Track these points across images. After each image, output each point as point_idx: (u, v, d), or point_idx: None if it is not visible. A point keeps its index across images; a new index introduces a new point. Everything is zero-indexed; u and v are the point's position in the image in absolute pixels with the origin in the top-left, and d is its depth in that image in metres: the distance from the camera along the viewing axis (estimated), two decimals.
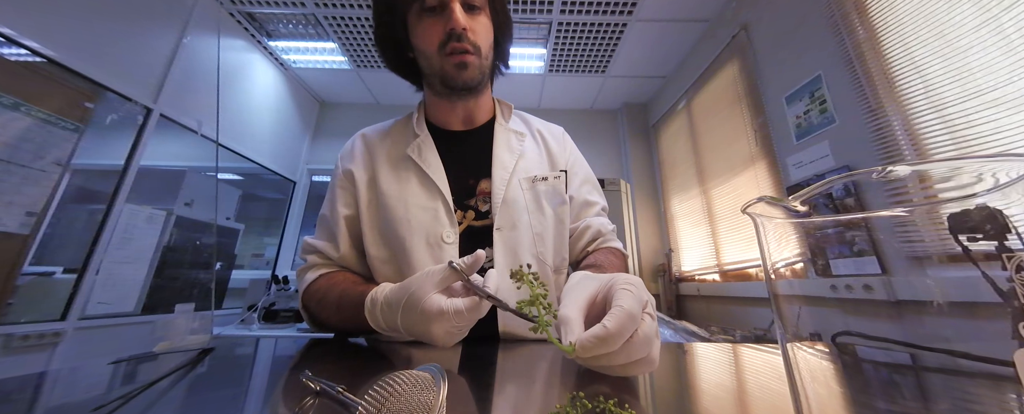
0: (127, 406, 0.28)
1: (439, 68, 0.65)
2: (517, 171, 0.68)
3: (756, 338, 1.79)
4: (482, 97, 0.74)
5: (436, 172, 0.66)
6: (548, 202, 0.68)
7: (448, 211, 0.63)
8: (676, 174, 2.90)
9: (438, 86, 0.68)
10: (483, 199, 0.66)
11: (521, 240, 0.63)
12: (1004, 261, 0.15)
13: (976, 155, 0.16)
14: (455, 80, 0.64)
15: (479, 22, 0.65)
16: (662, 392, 0.35)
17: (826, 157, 1.55)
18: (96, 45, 1.66)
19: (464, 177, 0.68)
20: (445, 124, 0.74)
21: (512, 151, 0.71)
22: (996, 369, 0.15)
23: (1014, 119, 1.01)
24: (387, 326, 0.45)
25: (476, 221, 0.65)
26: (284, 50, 2.76)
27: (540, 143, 0.76)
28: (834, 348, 0.19)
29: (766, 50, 1.95)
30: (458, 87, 0.66)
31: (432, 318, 0.38)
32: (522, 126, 0.77)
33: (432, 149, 0.69)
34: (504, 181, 0.66)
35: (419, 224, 0.62)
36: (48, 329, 1.49)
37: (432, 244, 0.61)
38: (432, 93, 0.73)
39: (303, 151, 3.27)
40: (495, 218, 0.63)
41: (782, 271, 0.22)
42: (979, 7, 1.10)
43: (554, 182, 0.70)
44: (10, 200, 1.36)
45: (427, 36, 0.63)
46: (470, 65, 0.64)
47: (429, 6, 0.62)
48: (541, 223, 0.65)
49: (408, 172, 0.67)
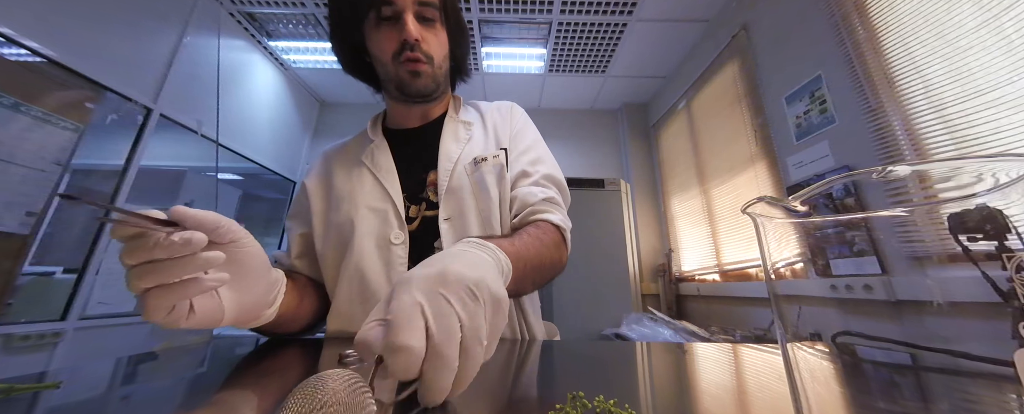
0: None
1: (395, 75, 0.67)
2: (462, 158, 0.69)
3: (756, 338, 1.79)
4: (439, 102, 0.77)
5: (387, 175, 0.68)
6: (491, 182, 0.66)
7: (397, 214, 0.64)
8: (676, 174, 2.90)
9: (394, 91, 0.70)
10: (433, 190, 0.67)
11: (468, 227, 0.63)
12: (1004, 261, 0.15)
13: (976, 155, 0.16)
14: (409, 87, 0.67)
15: (434, 33, 0.67)
16: (662, 392, 0.35)
17: (826, 157, 1.55)
18: (96, 45, 1.66)
19: (417, 171, 0.70)
20: (403, 123, 0.77)
21: (459, 140, 0.72)
22: (996, 369, 0.15)
23: (1014, 119, 1.01)
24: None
25: (428, 211, 0.66)
26: (284, 50, 2.76)
27: (488, 126, 0.76)
28: (834, 348, 0.19)
29: (766, 50, 1.95)
30: (412, 94, 0.68)
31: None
32: (473, 114, 0.78)
33: (385, 152, 0.71)
34: (448, 171, 0.67)
35: (369, 227, 0.64)
36: (48, 329, 1.49)
37: (381, 246, 0.63)
38: (389, 97, 0.76)
39: (303, 151, 3.27)
40: (441, 209, 0.64)
41: (782, 271, 0.22)
42: (979, 7, 1.10)
43: (494, 160, 0.68)
44: (10, 200, 1.36)
45: (382, 45, 0.66)
46: (423, 74, 0.66)
47: (385, 16, 0.64)
48: (487, 207, 0.64)
49: (361, 177, 0.70)
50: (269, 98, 2.85)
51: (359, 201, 0.66)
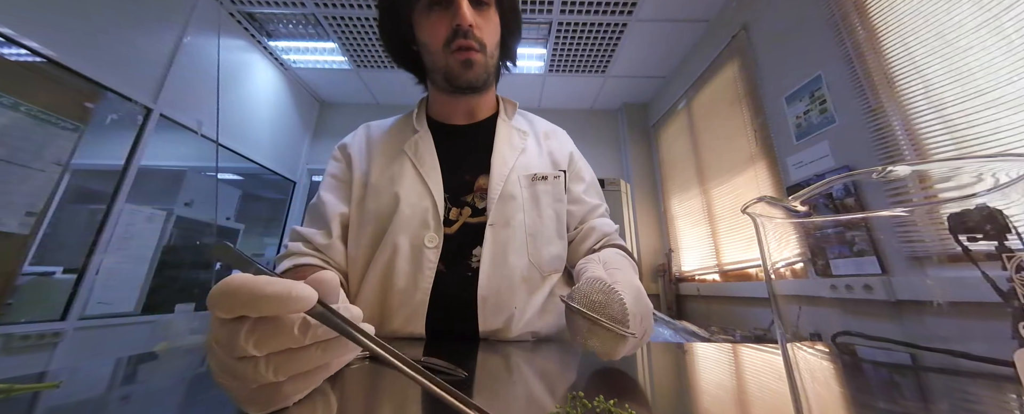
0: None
1: (444, 65, 0.63)
2: (516, 168, 0.66)
3: (756, 338, 1.79)
4: (486, 94, 0.73)
5: (430, 172, 0.64)
6: (547, 202, 0.66)
7: (436, 214, 0.61)
8: (676, 174, 2.90)
9: (441, 82, 0.66)
10: (480, 196, 0.64)
11: (513, 238, 0.61)
12: (1004, 261, 0.15)
13: (976, 155, 0.16)
14: (459, 78, 0.63)
15: (487, 18, 0.63)
16: (662, 392, 0.35)
17: (826, 157, 1.55)
18: (96, 45, 1.66)
19: (461, 173, 0.66)
20: (447, 118, 0.73)
21: (514, 148, 0.69)
22: (996, 369, 0.15)
23: (1014, 119, 1.01)
24: None
25: (472, 218, 0.63)
26: (284, 50, 2.76)
27: (542, 143, 0.75)
28: (834, 348, 0.19)
29: (766, 50, 1.95)
30: (462, 85, 0.64)
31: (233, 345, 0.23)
32: (526, 125, 0.76)
33: (429, 146, 0.67)
34: (503, 177, 0.64)
35: (405, 223, 0.60)
36: (48, 329, 1.49)
37: (415, 246, 0.59)
38: (435, 88, 0.71)
39: (303, 151, 3.27)
40: (490, 214, 0.61)
41: (782, 271, 0.22)
42: (979, 7, 1.10)
43: (554, 182, 0.68)
44: (10, 200, 1.36)
45: (433, 31, 0.62)
46: (476, 63, 0.62)
47: (436, 0, 0.61)
48: (537, 223, 0.64)
49: (402, 168, 0.65)
50: (269, 98, 2.85)
51: (400, 195, 0.62)
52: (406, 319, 0.57)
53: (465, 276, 0.59)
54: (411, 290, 0.57)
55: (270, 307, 0.22)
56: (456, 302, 0.58)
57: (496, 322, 0.57)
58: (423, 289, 0.57)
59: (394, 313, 0.57)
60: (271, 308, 0.22)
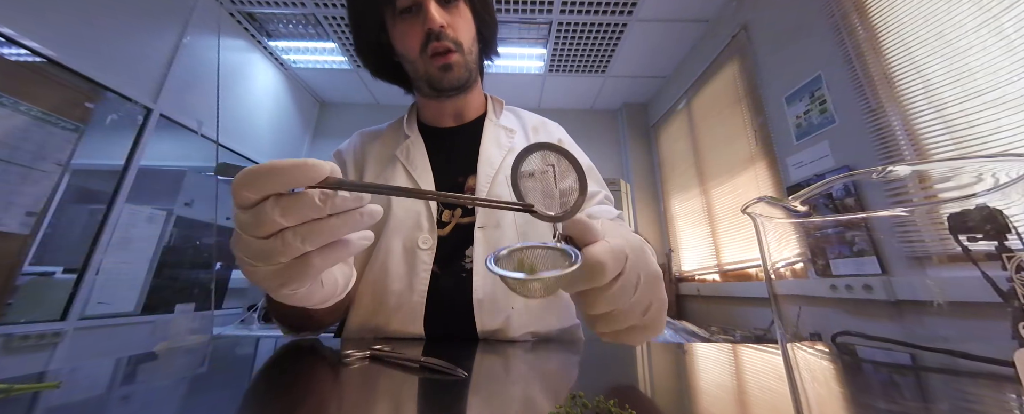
0: None
1: (424, 72, 0.63)
2: (503, 167, 0.66)
3: (756, 338, 1.79)
4: (472, 93, 0.73)
5: (422, 175, 0.65)
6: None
7: (429, 217, 0.62)
8: (676, 174, 2.90)
9: (426, 89, 0.67)
10: None
11: (504, 239, 0.61)
12: (1004, 261, 0.15)
13: (976, 155, 0.16)
14: (441, 82, 0.63)
15: (458, 15, 0.62)
16: (662, 392, 0.35)
17: (826, 157, 1.55)
18: (96, 45, 1.66)
19: (453, 174, 0.67)
20: (436, 122, 0.74)
21: (500, 147, 0.69)
22: (996, 369, 0.15)
23: (1014, 119, 1.01)
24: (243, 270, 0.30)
25: (463, 218, 0.63)
26: (284, 50, 2.76)
27: (531, 138, 0.74)
28: (834, 348, 0.19)
29: (766, 50, 1.95)
30: (445, 88, 0.65)
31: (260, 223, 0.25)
32: (514, 122, 0.76)
33: (421, 150, 0.68)
34: (489, 178, 0.64)
35: (398, 225, 0.61)
36: (48, 329, 1.49)
37: (408, 248, 0.60)
38: (421, 95, 0.72)
39: (303, 151, 3.27)
40: (478, 216, 0.61)
41: (782, 271, 0.22)
42: (979, 7, 1.10)
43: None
44: (10, 200, 1.36)
45: (406, 39, 0.62)
46: (455, 65, 0.62)
47: (402, 7, 0.60)
48: (529, 221, 0.63)
49: (395, 173, 0.66)
50: (269, 98, 2.85)
51: (392, 199, 0.62)
52: (404, 320, 0.57)
53: (460, 277, 0.60)
54: (407, 292, 0.58)
55: (292, 176, 0.24)
56: (453, 303, 0.58)
57: (494, 322, 0.57)
58: (419, 291, 0.58)
59: (392, 314, 0.58)
60: (292, 177, 0.24)
